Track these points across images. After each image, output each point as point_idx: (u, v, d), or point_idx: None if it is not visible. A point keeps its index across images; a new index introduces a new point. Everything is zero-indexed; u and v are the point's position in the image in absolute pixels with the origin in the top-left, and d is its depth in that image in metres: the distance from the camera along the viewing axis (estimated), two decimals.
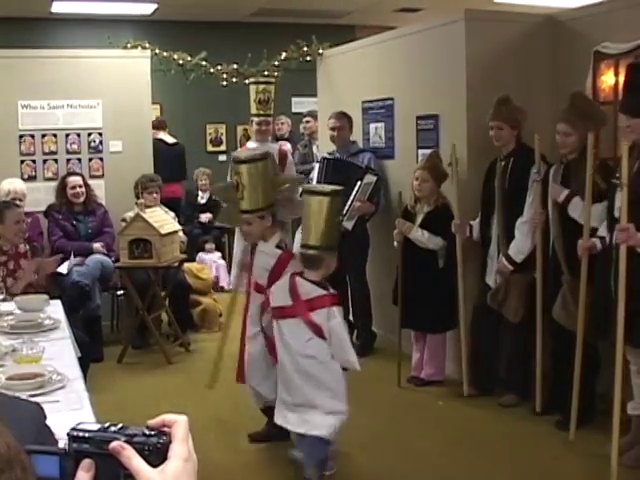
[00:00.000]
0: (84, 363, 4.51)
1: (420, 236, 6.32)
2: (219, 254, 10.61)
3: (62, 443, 1.18)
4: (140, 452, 1.12)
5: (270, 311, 4.80)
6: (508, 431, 5.55)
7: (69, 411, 3.10)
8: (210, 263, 10.19)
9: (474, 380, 6.24)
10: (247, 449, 5.29)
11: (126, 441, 1.13)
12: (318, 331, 4.53)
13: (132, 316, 7.76)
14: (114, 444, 1.12)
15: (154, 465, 1.12)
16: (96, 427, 1.16)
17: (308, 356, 4.56)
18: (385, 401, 6.23)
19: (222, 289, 10.00)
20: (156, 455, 1.13)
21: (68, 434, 1.16)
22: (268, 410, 5.12)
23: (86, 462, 1.12)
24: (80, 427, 1.16)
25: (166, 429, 1.17)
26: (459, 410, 5.99)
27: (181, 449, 1.15)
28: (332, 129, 7.44)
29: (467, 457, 5.14)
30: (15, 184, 7.61)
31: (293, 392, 4.64)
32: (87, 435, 1.14)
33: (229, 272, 10.36)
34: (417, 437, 5.44)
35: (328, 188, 4.84)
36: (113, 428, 1.15)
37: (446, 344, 6.54)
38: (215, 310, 8.60)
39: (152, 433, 1.15)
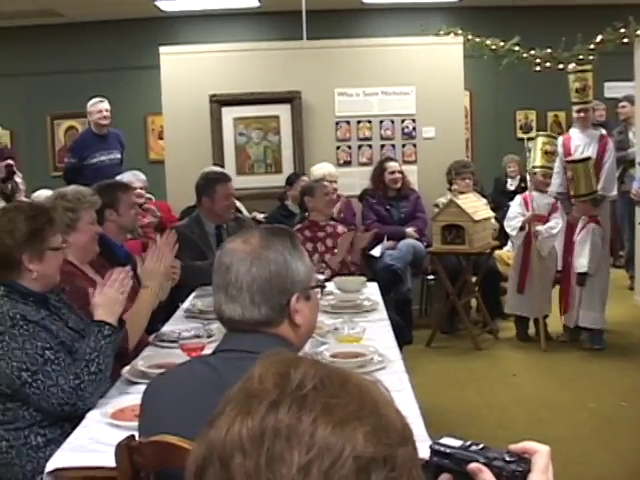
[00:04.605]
0: (398, 345, 4.61)
1: None
2: None
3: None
4: (497, 476, 1.15)
5: None
6: None
7: (390, 392, 3.17)
8: None
9: None
10: (564, 437, 5.12)
11: (485, 463, 1.16)
12: None
13: (442, 301, 7.83)
14: (473, 465, 1.15)
15: None
16: (458, 444, 1.20)
17: None
18: None
19: None
20: None
21: (430, 447, 1.21)
22: None
23: (444, 477, 1.18)
24: (443, 442, 1.21)
25: (527, 456, 1.19)
26: None
27: (540, 479, 1.16)
28: None
29: None
30: (325, 167, 7.97)
31: None
32: (449, 451, 1.19)
33: None
34: None
35: (583, 157, 7.12)
36: (474, 447, 1.19)
37: None
38: None
39: (512, 459, 1.18)
